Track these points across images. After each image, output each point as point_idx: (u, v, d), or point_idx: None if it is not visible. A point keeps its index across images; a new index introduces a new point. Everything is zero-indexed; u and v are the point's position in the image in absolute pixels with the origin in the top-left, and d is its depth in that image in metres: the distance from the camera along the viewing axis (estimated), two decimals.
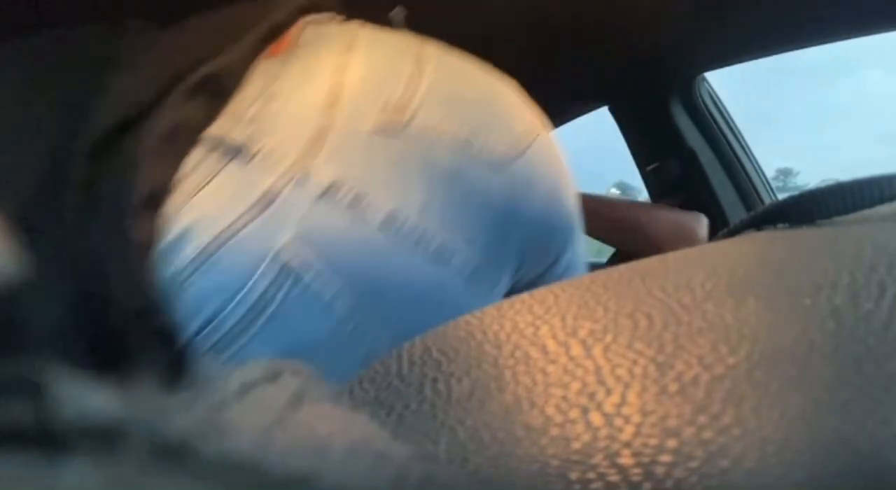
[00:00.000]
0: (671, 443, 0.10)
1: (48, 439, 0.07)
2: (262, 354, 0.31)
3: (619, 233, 0.91)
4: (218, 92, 0.37)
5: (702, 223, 0.91)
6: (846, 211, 0.21)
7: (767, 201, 1.04)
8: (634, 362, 0.12)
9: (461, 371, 0.14)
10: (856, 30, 0.80)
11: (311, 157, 0.35)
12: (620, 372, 0.12)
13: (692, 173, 1.05)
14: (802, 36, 0.86)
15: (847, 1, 0.75)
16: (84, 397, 0.08)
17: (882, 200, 0.21)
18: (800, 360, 0.11)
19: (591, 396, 0.11)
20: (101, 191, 0.33)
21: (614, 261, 1.02)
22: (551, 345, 0.14)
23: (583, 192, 0.96)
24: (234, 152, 0.35)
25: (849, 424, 0.10)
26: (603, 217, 0.92)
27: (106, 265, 0.32)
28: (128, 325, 0.32)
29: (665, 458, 0.09)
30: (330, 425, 0.09)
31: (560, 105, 1.32)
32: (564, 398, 0.12)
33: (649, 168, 1.12)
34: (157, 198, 0.33)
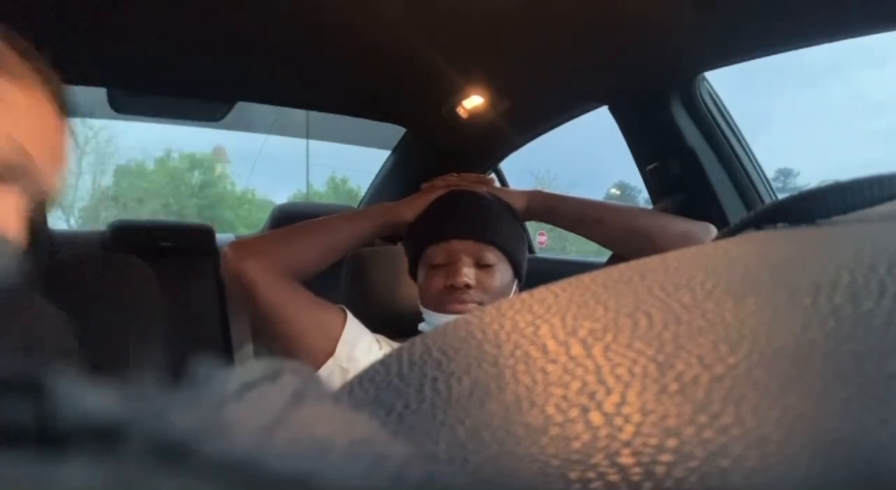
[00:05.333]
0: (671, 442, 0.10)
1: (48, 439, 0.07)
2: None
3: (629, 241, 0.91)
4: None
5: (711, 233, 0.91)
6: (846, 211, 0.21)
7: (767, 201, 1.04)
8: (634, 362, 0.12)
9: (461, 370, 0.14)
10: (855, 30, 0.80)
11: None
12: (620, 371, 0.12)
13: (692, 173, 1.05)
14: (802, 36, 0.86)
15: (847, 1, 0.75)
16: (84, 397, 0.08)
17: (882, 200, 0.21)
18: (800, 359, 0.11)
19: (592, 396, 0.11)
20: None
21: (614, 261, 1.02)
22: (551, 344, 0.14)
23: (592, 200, 0.96)
24: None
25: (849, 424, 0.10)
26: (612, 225, 0.92)
27: None
28: None
29: (665, 457, 0.09)
30: (330, 425, 0.09)
31: (560, 105, 1.32)
32: (564, 397, 0.12)
33: (649, 168, 1.12)
34: None
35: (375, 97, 1.47)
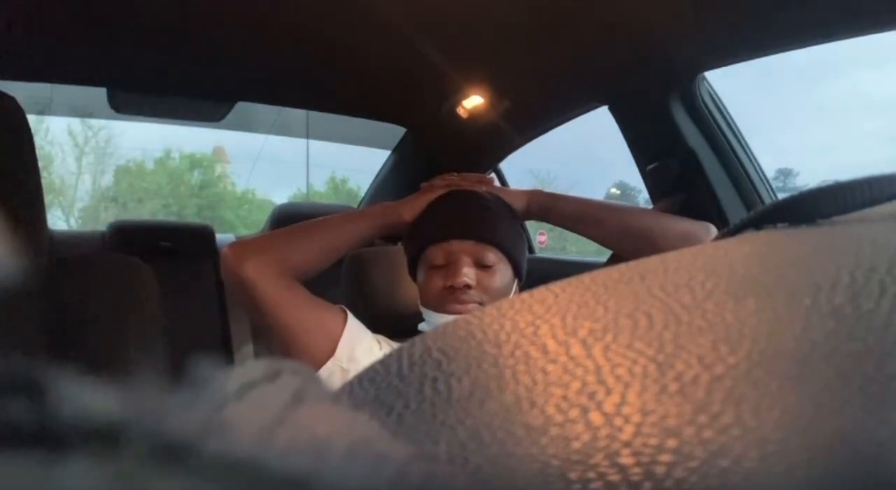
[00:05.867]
0: (671, 442, 0.10)
1: (48, 439, 0.07)
2: None
3: (629, 241, 0.91)
4: None
5: (711, 233, 0.91)
6: (846, 211, 0.21)
7: (767, 201, 1.04)
8: (634, 362, 0.12)
9: (461, 370, 0.14)
10: (855, 29, 0.80)
11: None
12: (620, 371, 0.12)
13: (692, 173, 1.05)
14: (802, 36, 0.86)
15: (847, 1, 0.75)
16: (84, 397, 0.08)
17: (882, 200, 0.21)
18: (800, 360, 0.11)
19: (591, 396, 0.11)
20: None
21: (614, 261, 1.02)
22: (551, 344, 0.14)
23: (592, 199, 0.96)
24: None
25: (849, 424, 0.10)
26: (612, 225, 0.92)
27: None
28: None
29: (665, 457, 0.09)
30: (330, 425, 0.09)
31: (560, 105, 1.32)
32: (564, 398, 0.12)
33: (649, 168, 1.12)
34: None
35: (375, 97, 1.47)
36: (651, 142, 1.12)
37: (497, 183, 1.03)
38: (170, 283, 1.09)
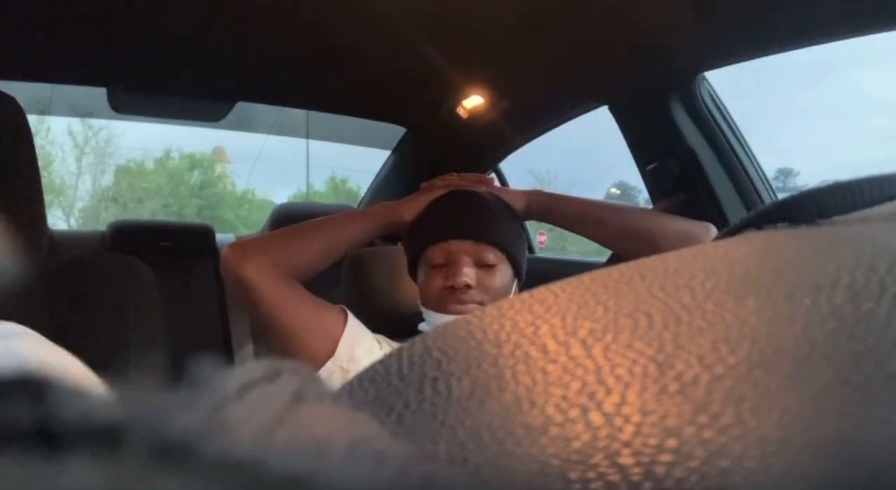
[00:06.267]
0: (671, 442, 0.10)
1: (48, 439, 0.07)
2: None
3: (629, 241, 0.91)
4: None
5: (711, 233, 0.91)
6: (846, 211, 0.21)
7: (767, 201, 1.04)
8: (634, 362, 0.12)
9: (461, 370, 0.14)
10: (855, 29, 0.80)
11: None
12: (620, 371, 0.12)
13: (692, 173, 1.05)
14: (802, 36, 0.86)
15: (846, 1, 0.75)
16: (84, 397, 0.08)
17: (882, 200, 0.21)
18: (800, 360, 0.11)
19: (591, 396, 0.11)
20: None
21: (614, 261, 1.02)
22: (551, 344, 0.14)
23: (592, 199, 0.96)
24: None
25: (849, 424, 0.10)
26: (612, 225, 0.92)
27: None
28: None
29: (665, 457, 0.09)
30: (330, 425, 0.09)
31: (560, 105, 1.32)
32: (564, 398, 0.12)
33: (649, 168, 1.12)
34: None
35: (375, 97, 1.47)
36: (651, 142, 1.12)
37: (497, 183, 1.03)
38: (170, 283, 1.09)
